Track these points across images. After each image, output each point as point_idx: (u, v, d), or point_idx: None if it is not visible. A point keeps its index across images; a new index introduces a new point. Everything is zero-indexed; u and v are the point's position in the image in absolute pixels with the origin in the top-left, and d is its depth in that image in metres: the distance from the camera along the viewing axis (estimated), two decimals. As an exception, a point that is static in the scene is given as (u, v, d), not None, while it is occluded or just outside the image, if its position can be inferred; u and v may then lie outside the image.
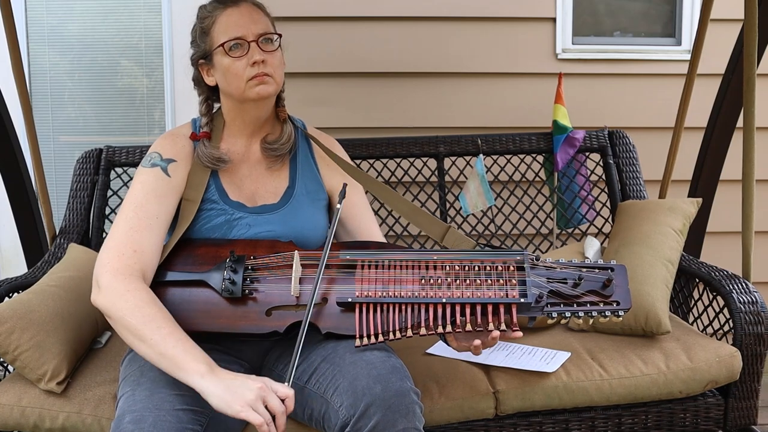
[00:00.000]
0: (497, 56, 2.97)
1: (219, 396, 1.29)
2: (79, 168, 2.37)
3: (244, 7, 1.62)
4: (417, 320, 1.45)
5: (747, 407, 1.85)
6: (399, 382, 1.38)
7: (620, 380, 1.77)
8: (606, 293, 1.50)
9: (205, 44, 1.64)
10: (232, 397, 1.28)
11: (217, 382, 1.31)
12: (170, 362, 1.35)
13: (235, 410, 1.28)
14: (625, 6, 3.07)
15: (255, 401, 1.28)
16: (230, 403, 1.28)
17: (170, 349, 1.35)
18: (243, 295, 1.51)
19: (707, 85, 2.64)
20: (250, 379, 1.32)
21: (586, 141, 2.52)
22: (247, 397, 1.28)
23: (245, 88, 1.60)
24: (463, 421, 1.74)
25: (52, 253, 2.22)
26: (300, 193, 1.71)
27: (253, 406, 1.28)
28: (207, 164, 1.65)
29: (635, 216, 2.17)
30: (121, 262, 1.47)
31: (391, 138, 2.52)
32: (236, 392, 1.29)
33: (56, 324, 1.74)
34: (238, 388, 1.30)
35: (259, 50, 1.59)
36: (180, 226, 1.61)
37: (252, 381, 1.31)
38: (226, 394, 1.29)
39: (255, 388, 1.30)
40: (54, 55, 3.02)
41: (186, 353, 1.35)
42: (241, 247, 1.59)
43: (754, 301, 1.84)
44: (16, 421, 1.67)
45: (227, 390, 1.30)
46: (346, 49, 2.92)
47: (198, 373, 1.32)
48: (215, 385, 1.30)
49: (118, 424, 1.35)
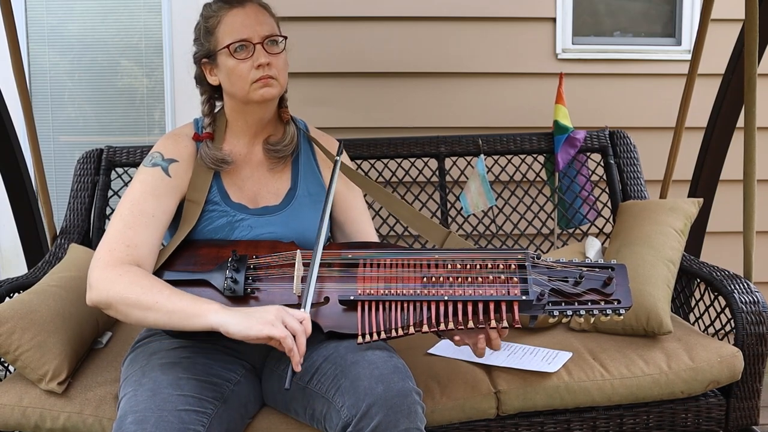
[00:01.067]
0: (497, 56, 2.97)
1: (238, 322, 1.32)
2: (80, 168, 2.37)
3: (250, 8, 1.61)
4: (419, 318, 1.45)
5: (748, 407, 1.85)
6: (401, 382, 1.38)
7: (622, 380, 1.77)
8: (607, 291, 1.50)
9: (210, 43, 1.62)
10: (251, 321, 1.32)
11: (234, 313, 1.34)
12: (182, 314, 1.36)
13: (257, 330, 1.31)
14: (625, 6, 3.07)
15: (275, 320, 1.32)
16: (251, 325, 1.31)
17: (177, 303, 1.38)
18: (245, 295, 1.51)
19: (707, 85, 2.64)
20: (265, 306, 1.37)
21: (587, 141, 2.52)
22: (267, 317, 1.32)
23: (249, 90, 1.59)
24: (465, 421, 1.74)
25: (53, 253, 2.21)
26: (302, 195, 1.71)
27: (273, 324, 1.31)
28: (210, 165, 1.65)
29: (636, 216, 2.17)
30: (112, 256, 1.47)
31: (392, 138, 2.52)
32: (254, 315, 1.33)
33: (57, 324, 1.74)
34: (255, 312, 1.34)
35: (265, 53, 1.58)
36: (183, 227, 1.61)
37: (268, 306, 1.36)
38: (244, 319, 1.32)
39: (273, 310, 1.34)
40: (54, 55, 3.02)
41: (194, 301, 1.38)
42: (243, 248, 1.59)
43: (755, 301, 1.84)
44: (17, 422, 1.67)
45: (245, 316, 1.33)
46: (346, 49, 2.92)
47: (212, 310, 1.35)
48: (232, 316, 1.34)
49: (120, 424, 1.34)
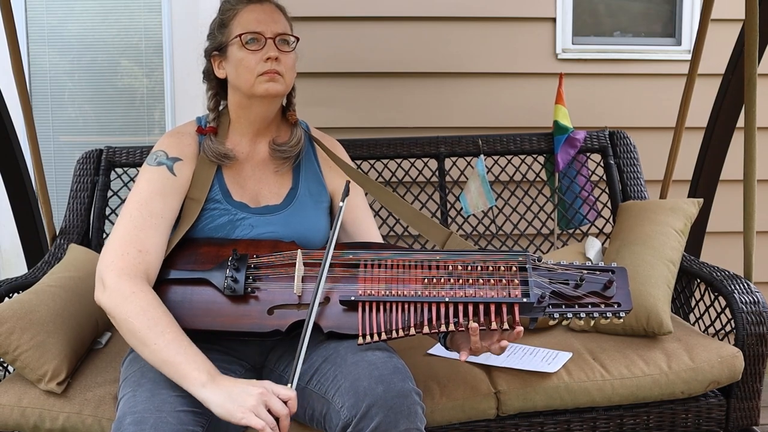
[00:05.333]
0: (497, 56, 2.97)
1: (220, 405, 1.30)
2: (80, 168, 2.37)
3: (267, 6, 1.65)
4: (420, 319, 1.45)
5: (749, 408, 1.85)
6: (401, 382, 1.38)
7: (622, 380, 1.77)
8: (607, 294, 1.50)
9: (222, 35, 1.65)
10: (233, 405, 1.29)
11: (219, 391, 1.32)
12: (172, 369, 1.36)
13: (237, 417, 1.28)
14: (625, 6, 3.07)
15: (257, 406, 1.29)
16: (232, 411, 1.29)
17: (173, 356, 1.36)
18: (245, 294, 1.51)
19: (707, 85, 2.64)
20: (251, 385, 1.33)
21: (587, 141, 2.52)
22: (249, 403, 1.29)
23: (254, 83, 1.60)
24: (465, 421, 1.74)
25: (52, 253, 2.21)
26: (303, 195, 1.71)
27: (255, 411, 1.28)
28: (212, 159, 1.65)
29: (636, 216, 2.17)
30: (126, 261, 1.47)
31: (392, 138, 2.52)
32: (237, 399, 1.30)
33: (56, 324, 1.74)
34: (239, 395, 1.30)
35: (275, 48, 1.60)
36: (183, 225, 1.61)
37: (253, 387, 1.32)
38: (227, 402, 1.30)
39: (256, 394, 1.30)
40: (54, 55, 3.02)
41: (188, 362, 1.35)
42: (244, 247, 1.59)
43: (756, 302, 1.84)
44: (16, 422, 1.67)
45: (228, 398, 1.30)
46: (346, 49, 2.92)
47: (199, 382, 1.33)
48: (216, 395, 1.31)
49: (119, 425, 1.34)
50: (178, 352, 1.36)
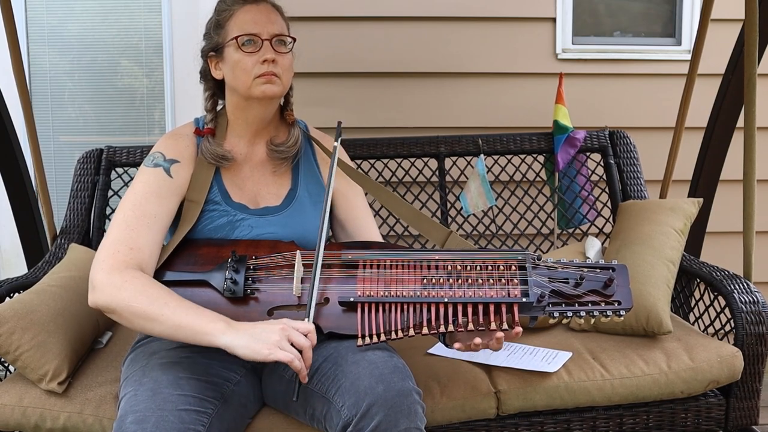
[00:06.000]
0: (497, 56, 2.97)
1: (245, 346, 1.33)
2: (80, 168, 2.37)
3: (263, 6, 1.64)
4: (419, 320, 1.45)
5: (748, 407, 1.85)
6: (401, 382, 1.38)
7: (622, 380, 1.77)
8: (607, 293, 1.50)
9: (219, 36, 1.64)
10: (258, 344, 1.33)
11: (241, 334, 1.35)
12: (188, 330, 1.38)
13: (264, 354, 1.32)
14: (625, 6, 3.07)
15: (281, 341, 1.33)
16: (258, 349, 1.33)
17: (184, 317, 1.38)
18: (245, 295, 1.51)
19: (707, 85, 2.64)
20: (270, 323, 1.37)
21: (587, 141, 2.52)
22: (273, 339, 1.33)
23: (251, 85, 1.60)
24: (465, 421, 1.74)
25: (53, 253, 2.21)
26: (302, 195, 1.71)
27: (280, 345, 1.33)
28: (210, 161, 1.65)
29: (636, 216, 2.17)
30: (116, 258, 1.47)
31: (392, 138, 2.52)
32: (260, 338, 1.34)
33: (57, 324, 1.74)
34: (261, 333, 1.35)
35: (272, 50, 1.60)
36: (182, 226, 1.61)
37: (272, 324, 1.37)
38: (251, 342, 1.33)
39: (277, 330, 1.35)
40: (54, 55, 3.02)
41: (200, 317, 1.38)
42: (243, 248, 1.59)
43: (755, 301, 1.84)
44: (17, 422, 1.67)
45: (252, 338, 1.34)
46: (346, 49, 2.92)
47: (219, 331, 1.36)
48: (239, 338, 1.34)
49: (120, 424, 1.34)
50: (186, 313, 1.39)
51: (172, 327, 1.39)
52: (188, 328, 1.38)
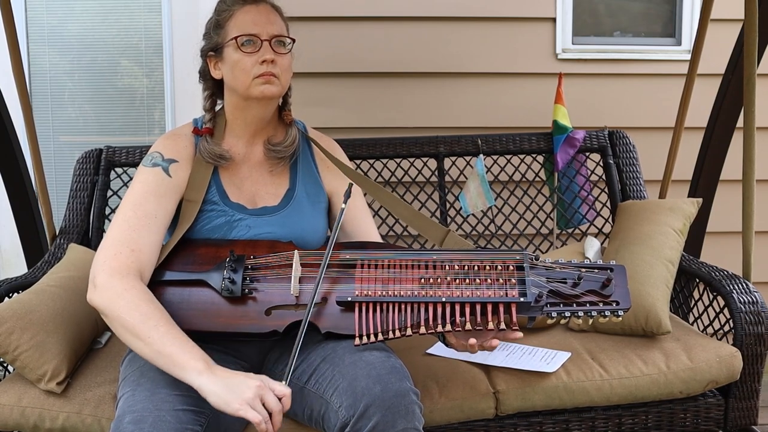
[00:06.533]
0: (497, 56, 2.97)
1: (218, 394, 1.30)
2: (79, 168, 2.37)
3: (263, 7, 1.64)
4: (417, 319, 1.45)
5: (747, 407, 1.85)
6: (398, 382, 1.38)
7: (620, 380, 1.77)
8: (605, 293, 1.50)
9: (218, 36, 1.64)
10: (230, 396, 1.29)
11: (216, 380, 1.31)
12: (168, 360, 1.35)
13: (234, 408, 1.28)
14: (625, 6, 3.07)
15: (253, 399, 1.29)
16: (229, 401, 1.29)
17: (168, 347, 1.35)
18: (243, 295, 1.51)
19: (707, 85, 2.64)
20: (248, 378, 1.32)
21: (586, 141, 2.52)
22: (246, 395, 1.29)
23: (250, 85, 1.60)
24: (464, 421, 1.74)
25: (52, 253, 2.22)
26: (300, 196, 1.71)
27: (252, 404, 1.28)
28: (208, 160, 1.65)
29: (635, 216, 2.17)
30: (118, 260, 1.47)
31: (391, 138, 2.52)
32: (235, 390, 1.30)
33: (56, 324, 1.74)
34: (236, 386, 1.30)
35: (271, 50, 1.60)
36: (180, 226, 1.61)
37: (250, 379, 1.32)
38: (224, 392, 1.30)
39: (253, 386, 1.30)
40: (54, 55, 3.02)
41: (184, 351, 1.35)
42: (241, 248, 1.59)
43: (754, 301, 1.84)
44: (16, 422, 1.67)
45: (226, 388, 1.30)
46: (346, 49, 2.92)
47: (196, 370, 1.32)
48: (214, 383, 1.31)
49: (118, 424, 1.34)
50: (172, 343, 1.36)
51: (154, 352, 1.36)
52: (168, 358, 1.35)
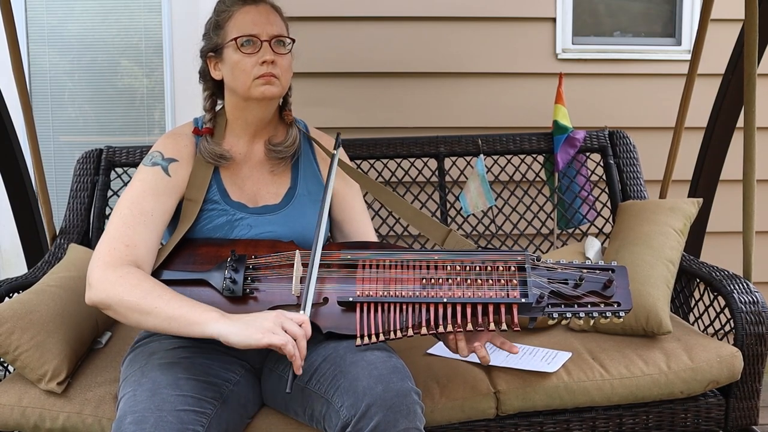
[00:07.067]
0: (497, 56, 2.97)
1: (238, 332, 1.33)
2: (80, 168, 2.37)
3: (262, 7, 1.64)
4: (418, 320, 1.45)
5: (748, 407, 1.85)
6: (400, 382, 1.38)
7: (621, 380, 1.77)
8: (607, 294, 1.50)
9: (218, 37, 1.64)
10: (250, 330, 1.32)
11: (233, 322, 1.34)
12: (181, 321, 1.37)
13: (257, 339, 1.31)
14: (625, 6, 3.07)
15: (274, 327, 1.32)
16: (250, 334, 1.32)
17: (177, 309, 1.38)
18: (244, 295, 1.51)
19: (707, 85, 2.64)
20: (264, 312, 1.37)
21: (587, 141, 2.52)
22: (266, 325, 1.32)
23: (251, 86, 1.60)
24: (464, 421, 1.74)
25: (53, 253, 2.21)
26: (302, 194, 1.71)
27: (273, 331, 1.32)
28: (209, 160, 1.65)
29: (636, 216, 2.17)
30: (112, 256, 1.48)
31: (392, 138, 2.52)
32: (253, 324, 1.33)
33: (56, 324, 1.74)
34: (254, 320, 1.34)
35: (271, 51, 1.59)
36: (181, 225, 1.61)
37: (267, 312, 1.36)
38: (244, 329, 1.32)
39: (271, 317, 1.34)
40: (54, 55, 3.02)
41: (193, 308, 1.38)
42: (242, 247, 1.59)
43: (755, 301, 1.84)
44: (17, 422, 1.67)
45: (244, 325, 1.33)
46: (346, 49, 2.92)
47: (212, 319, 1.35)
48: (232, 325, 1.34)
49: (119, 424, 1.34)
50: (180, 305, 1.39)
51: (165, 319, 1.38)
52: (181, 319, 1.37)
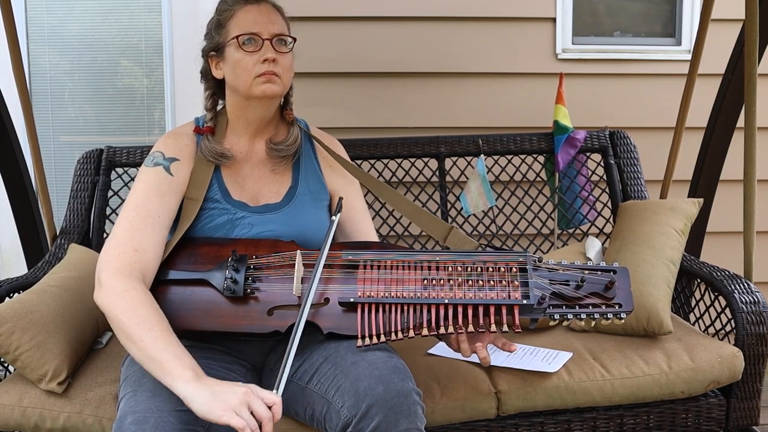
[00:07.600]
0: (497, 56, 2.97)
1: (202, 402, 1.26)
2: (80, 168, 2.37)
3: (264, 6, 1.64)
4: (419, 321, 1.45)
5: (749, 407, 1.85)
6: (401, 382, 1.37)
7: (622, 380, 1.77)
8: (608, 295, 1.50)
9: (220, 36, 1.64)
10: (214, 403, 1.25)
11: (202, 388, 1.28)
12: (157, 366, 1.33)
13: (217, 415, 1.24)
14: (625, 6, 3.07)
15: (238, 406, 1.25)
16: (213, 408, 1.25)
17: (159, 352, 1.33)
18: (245, 295, 1.51)
19: (707, 85, 2.64)
20: (236, 385, 1.29)
21: (587, 141, 2.52)
22: (231, 402, 1.25)
23: (252, 84, 1.60)
24: (465, 421, 1.74)
25: (53, 253, 2.21)
26: (303, 193, 1.71)
27: (236, 410, 1.24)
28: (210, 159, 1.65)
29: (636, 216, 2.17)
30: (122, 260, 1.47)
31: (392, 138, 2.52)
32: (219, 397, 1.26)
33: (57, 324, 1.74)
34: (222, 393, 1.26)
35: (272, 49, 1.60)
36: (182, 224, 1.61)
37: (238, 387, 1.28)
38: (209, 399, 1.26)
39: (240, 393, 1.26)
40: (54, 55, 3.02)
41: (174, 359, 1.32)
42: (243, 247, 1.59)
43: (756, 301, 1.84)
44: (17, 422, 1.67)
45: (211, 396, 1.26)
46: (346, 49, 2.92)
47: (183, 378, 1.29)
48: (199, 391, 1.27)
49: (119, 425, 1.34)
50: (164, 348, 1.34)
51: (145, 356, 1.34)
52: (158, 364, 1.32)
